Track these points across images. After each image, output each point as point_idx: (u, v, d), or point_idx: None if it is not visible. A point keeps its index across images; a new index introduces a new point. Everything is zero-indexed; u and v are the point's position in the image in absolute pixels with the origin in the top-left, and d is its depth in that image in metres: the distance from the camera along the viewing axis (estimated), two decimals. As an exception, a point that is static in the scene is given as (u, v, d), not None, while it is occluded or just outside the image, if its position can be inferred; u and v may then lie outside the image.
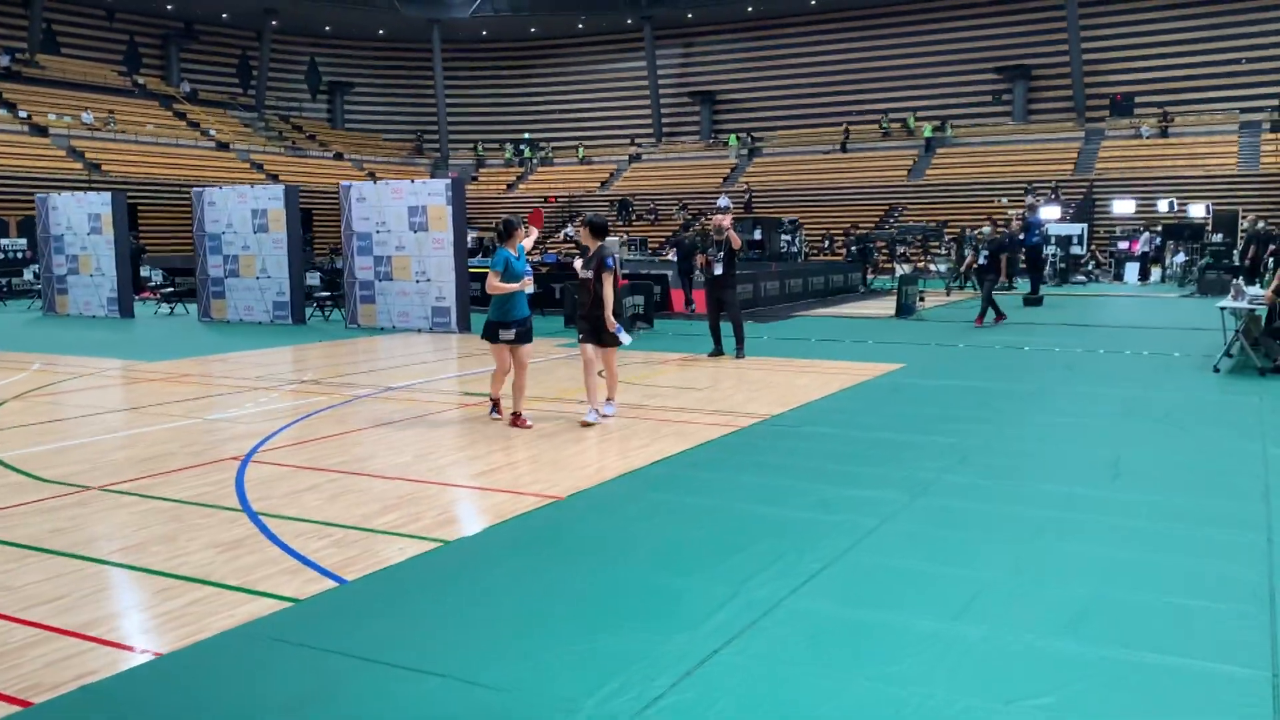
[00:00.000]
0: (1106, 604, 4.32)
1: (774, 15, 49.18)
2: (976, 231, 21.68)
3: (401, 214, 16.55)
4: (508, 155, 53.41)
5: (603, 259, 8.30)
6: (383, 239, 16.83)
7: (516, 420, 8.20)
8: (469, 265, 17.09)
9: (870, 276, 28.18)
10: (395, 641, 3.97)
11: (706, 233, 14.16)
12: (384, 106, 56.20)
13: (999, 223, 22.54)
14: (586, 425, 8.12)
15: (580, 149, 52.46)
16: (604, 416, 8.39)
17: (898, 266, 29.47)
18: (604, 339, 8.39)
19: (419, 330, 16.51)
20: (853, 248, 31.76)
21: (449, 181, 16.57)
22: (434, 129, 54.16)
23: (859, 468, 6.78)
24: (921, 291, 21.32)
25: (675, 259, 23.90)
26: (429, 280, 16.38)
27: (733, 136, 49.54)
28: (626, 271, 22.21)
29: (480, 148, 54.51)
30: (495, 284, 8.11)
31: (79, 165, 36.95)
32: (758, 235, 35.74)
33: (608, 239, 8.79)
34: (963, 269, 19.92)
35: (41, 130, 38.36)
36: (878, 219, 40.08)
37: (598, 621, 4.13)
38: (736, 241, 12.89)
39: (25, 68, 42.13)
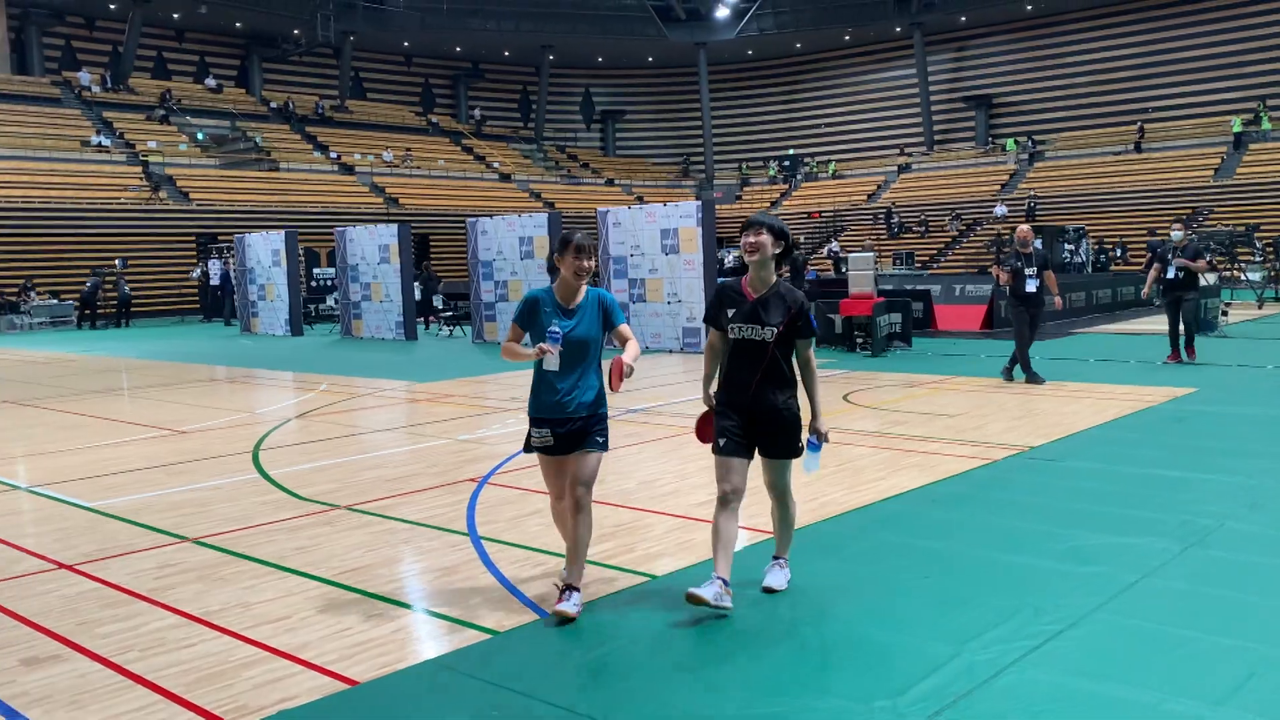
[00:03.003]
0: None
1: (1056, 11, 46.25)
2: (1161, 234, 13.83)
3: (655, 237, 16.78)
4: (771, 173, 53.32)
5: (801, 307, 4.59)
6: (637, 262, 17.12)
7: (559, 604, 4.52)
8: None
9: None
10: (580, 685, 3.84)
11: (1003, 242, 13.09)
12: (652, 131, 57.80)
13: (1192, 224, 18.57)
14: (697, 602, 4.41)
15: (832, 164, 51.50)
16: (769, 589, 4.74)
17: (1201, 277, 26.64)
18: (779, 445, 4.64)
19: (670, 351, 16.64)
20: (1102, 255, 29.07)
21: (699, 204, 16.63)
22: (700, 151, 55.00)
23: (1124, 510, 6.01)
24: (1226, 304, 19.09)
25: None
26: (680, 301, 16.48)
27: (1011, 141, 46.92)
28: (889, 287, 21.34)
29: (745, 167, 54.79)
30: (506, 345, 4.77)
31: (379, 200, 40.46)
32: (1038, 244, 33.51)
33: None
34: (1146, 288, 14.66)
35: (348, 169, 42.37)
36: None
37: (787, 680, 3.81)
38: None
39: (336, 113, 46.76)
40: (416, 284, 26.11)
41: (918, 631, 4.23)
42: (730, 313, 4.63)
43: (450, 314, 23.98)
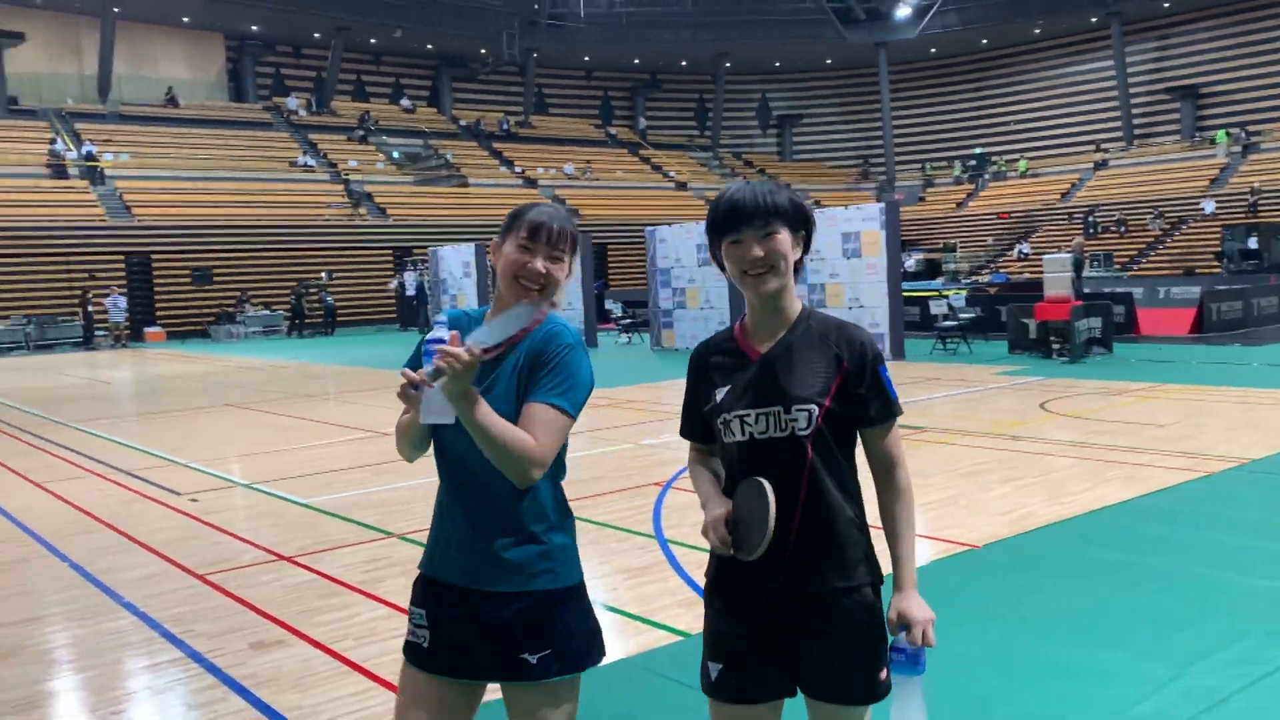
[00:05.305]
0: None
1: (1273, -9, 42.84)
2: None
3: (835, 241, 16.51)
4: (956, 173, 51.60)
5: (863, 356, 2.19)
6: (815, 267, 16.90)
7: None
8: (903, 289, 16.73)
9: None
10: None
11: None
12: (830, 134, 57.00)
13: None
14: None
15: (1022, 161, 49.26)
16: None
17: None
18: (844, 671, 2.16)
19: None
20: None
21: (882, 205, 16.28)
22: (880, 153, 53.85)
23: (1366, 529, 5.50)
24: None
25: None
26: (862, 307, 16.15)
27: (1221, 133, 43.71)
28: (1088, 290, 20.11)
29: (928, 167, 53.25)
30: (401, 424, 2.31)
31: (561, 211, 41.50)
32: (1253, 244, 31.19)
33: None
34: None
35: (532, 183, 43.71)
36: None
37: (997, 701, 3.67)
38: None
39: (520, 128, 48.36)
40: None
41: (1132, 651, 3.99)
42: (719, 395, 2.25)
43: (629, 321, 24.36)
